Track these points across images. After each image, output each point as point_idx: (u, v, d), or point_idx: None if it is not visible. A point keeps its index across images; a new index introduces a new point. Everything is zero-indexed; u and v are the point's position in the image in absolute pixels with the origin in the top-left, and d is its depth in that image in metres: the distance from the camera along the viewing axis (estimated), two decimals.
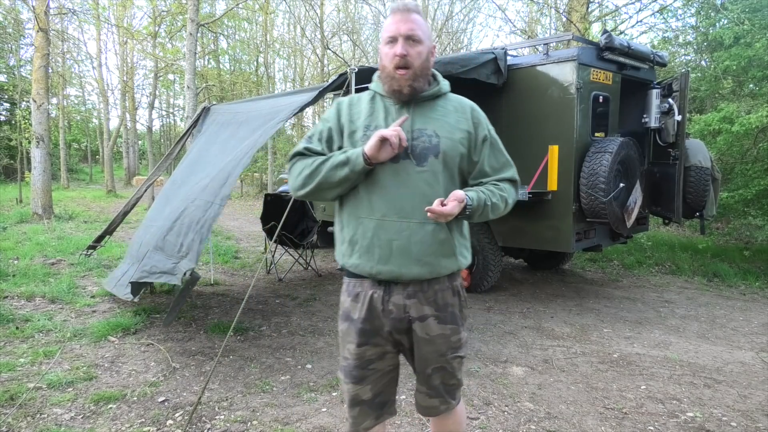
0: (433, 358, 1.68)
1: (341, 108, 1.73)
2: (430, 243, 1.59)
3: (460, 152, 1.64)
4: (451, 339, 1.68)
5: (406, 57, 1.55)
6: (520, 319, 4.67)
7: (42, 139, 10.02)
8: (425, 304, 1.64)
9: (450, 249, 1.63)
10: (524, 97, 4.99)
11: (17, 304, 4.64)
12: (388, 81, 1.60)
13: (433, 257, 1.60)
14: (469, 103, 1.73)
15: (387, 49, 1.59)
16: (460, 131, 1.65)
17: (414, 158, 1.59)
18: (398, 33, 1.56)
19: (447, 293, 1.68)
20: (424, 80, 1.62)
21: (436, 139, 1.61)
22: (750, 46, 6.62)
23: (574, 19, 9.17)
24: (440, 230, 1.60)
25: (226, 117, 5.27)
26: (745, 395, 3.14)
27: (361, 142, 1.61)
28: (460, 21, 18.09)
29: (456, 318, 1.70)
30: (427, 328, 1.65)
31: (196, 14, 9.99)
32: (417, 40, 1.57)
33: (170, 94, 30.89)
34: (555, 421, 2.80)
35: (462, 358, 1.75)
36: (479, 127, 1.69)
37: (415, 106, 1.64)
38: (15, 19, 16.52)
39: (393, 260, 1.59)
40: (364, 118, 1.66)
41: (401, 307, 1.63)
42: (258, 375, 3.34)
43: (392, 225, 1.58)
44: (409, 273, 1.59)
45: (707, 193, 5.40)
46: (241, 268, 6.62)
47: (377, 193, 1.60)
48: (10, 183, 18.93)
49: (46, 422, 2.67)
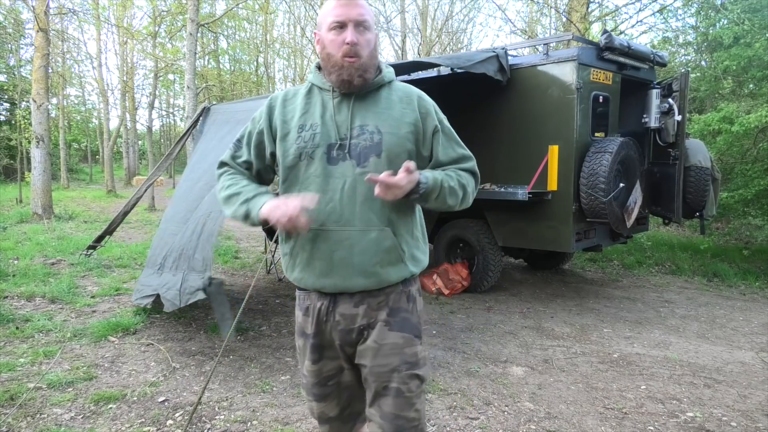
0: (384, 372, 1.46)
1: (274, 106, 1.57)
2: (374, 252, 1.44)
3: (406, 149, 1.48)
4: (405, 350, 1.48)
5: (356, 45, 1.42)
6: (520, 319, 4.67)
7: (42, 139, 10.01)
8: (375, 309, 1.49)
9: (397, 256, 1.47)
10: (524, 97, 4.99)
11: (17, 304, 4.64)
12: (336, 71, 1.44)
13: (378, 267, 1.45)
14: (415, 91, 1.56)
15: (333, 35, 1.43)
16: (406, 125, 1.49)
17: (353, 158, 1.44)
18: (347, 18, 1.42)
19: (399, 297, 1.51)
20: (373, 69, 1.48)
21: (378, 136, 1.46)
22: (750, 46, 6.62)
23: (574, 19, 9.17)
24: (385, 237, 1.45)
25: (226, 116, 5.28)
26: (745, 395, 3.14)
27: (295, 145, 1.48)
28: (460, 21, 18.11)
29: (410, 326, 1.51)
30: (377, 335, 1.48)
31: (196, 14, 9.99)
32: (367, 27, 1.44)
33: (170, 94, 30.92)
34: (555, 421, 2.80)
35: (420, 380, 1.49)
36: (427, 117, 1.52)
37: (356, 100, 1.49)
38: (15, 19, 16.52)
39: (335, 273, 1.45)
40: (298, 116, 1.51)
41: (349, 318, 1.49)
42: (258, 375, 3.34)
43: (332, 234, 1.44)
44: (353, 286, 1.46)
45: (707, 193, 5.41)
46: (241, 268, 6.62)
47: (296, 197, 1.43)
48: (10, 183, 18.93)
49: (46, 422, 2.67)
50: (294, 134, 1.49)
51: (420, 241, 1.58)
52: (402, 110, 1.50)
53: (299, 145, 1.48)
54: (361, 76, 1.44)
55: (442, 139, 1.54)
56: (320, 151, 1.46)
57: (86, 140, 30.87)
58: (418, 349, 1.51)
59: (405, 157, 1.46)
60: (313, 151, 1.46)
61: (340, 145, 1.46)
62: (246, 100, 6.01)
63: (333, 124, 1.47)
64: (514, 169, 5.04)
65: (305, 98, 1.54)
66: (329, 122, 1.48)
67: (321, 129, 1.47)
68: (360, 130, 1.46)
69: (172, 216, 4.44)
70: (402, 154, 1.47)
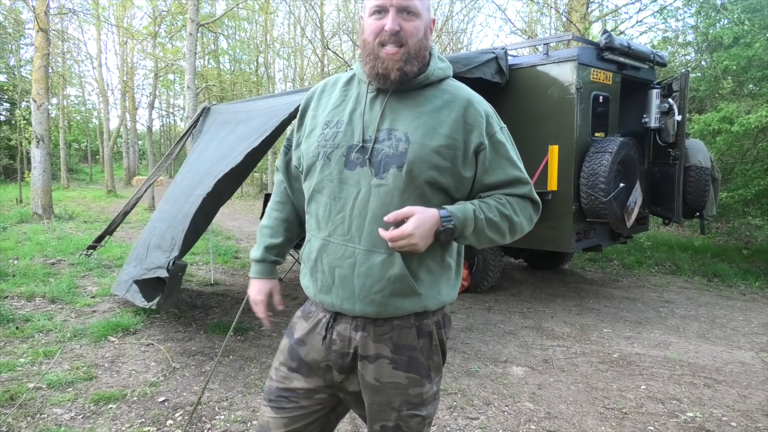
0: (382, 412, 1.30)
1: (310, 101, 1.42)
2: (377, 278, 1.23)
3: (434, 164, 1.22)
4: (409, 391, 1.29)
5: (399, 33, 1.21)
6: (520, 319, 4.67)
7: (42, 139, 10.01)
8: (377, 341, 1.28)
9: (407, 287, 1.24)
10: (524, 97, 4.99)
11: (17, 304, 4.64)
12: (371, 61, 1.24)
13: (380, 296, 1.24)
14: (467, 96, 1.30)
15: (372, 20, 1.24)
16: (440, 137, 1.23)
17: (373, 166, 1.24)
18: (389, 2, 1.21)
19: (408, 333, 1.28)
20: (418, 63, 1.26)
21: (404, 145, 1.22)
22: (750, 46, 6.62)
23: (574, 19, 9.17)
24: (392, 263, 1.22)
25: (227, 116, 5.28)
26: (745, 395, 3.14)
27: (316, 143, 1.32)
28: (460, 21, 18.09)
29: (419, 366, 1.29)
30: (376, 372, 1.28)
31: (196, 14, 9.99)
32: (413, 12, 1.22)
33: (170, 94, 30.92)
34: (555, 421, 2.80)
35: (424, 419, 1.32)
36: (473, 131, 1.25)
37: (393, 97, 1.28)
38: (15, 19, 16.52)
39: (335, 291, 1.28)
40: (329, 110, 1.35)
41: (346, 340, 1.30)
42: (258, 375, 3.34)
43: (336, 248, 1.27)
44: (351, 309, 1.27)
45: (707, 193, 5.41)
46: (241, 268, 6.62)
47: (324, 207, 1.30)
48: (10, 183, 18.93)
49: (46, 422, 2.67)
50: (319, 131, 1.34)
51: (450, 270, 1.34)
52: (441, 118, 1.25)
53: (320, 143, 1.31)
54: (400, 69, 1.22)
55: (488, 158, 1.27)
56: (339, 152, 1.28)
57: (86, 140, 30.88)
58: (425, 389, 1.31)
59: (430, 176, 1.23)
60: (331, 152, 1.29)
61: (362, 148, 1.26)
62: (246, 100, 6.00)
63: (360, 123, 1.28)
64: None
65: (343, 89, 1.37)
66: (356, 120, 1.29)
67: (345, 128, 1.30)
68: (387, 134, 1.25)
69: (162, 214, 4.46)
70: (428, 170, 1.22)
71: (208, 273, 6.02)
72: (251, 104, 5.30)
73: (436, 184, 1.24)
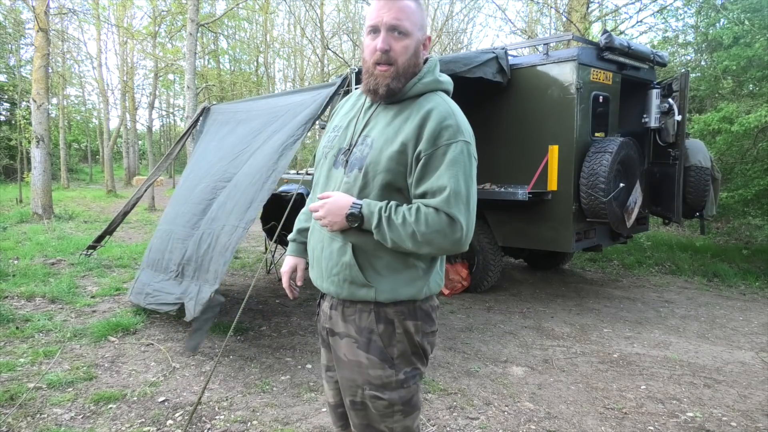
0: (349, 387, 1.45)
1: (341, 105, 1.64)
2: (335, 262, 1.42)
3: (387, 168, 1.35)
4: (369, 372, 1.40)
5: (389, 52, 1.33)
6: (520, 319, 4.67)
7: (42, 139, 10.01)
8: (344, 321, 1.45)
9: (356, 276, 1.38)
10: (524, 97, 4.99)
11: (17, 304, 4.64)
12: (366, 78, 1.40)
13: (337, 278, 1.42)
14: (429, 106, 1.36)
15: (368, 40, 1.37)
16: (396, 143, 1.35)
17: (347, 167, 1.43)
18: (380, 22, 1.33)
19: (368, 316, 1.40)
20: (405, 80, 1.37)
21: (367, 150, 1.38)
22: (750, 46, 6.62)
23: (574, 19, 9.17)
24: (344, 251, 1.39)
25: (227, 116, 5.28)
26: (745, 395, 3.14)
27: (322, 145, 1.57)
28: (460, 21, 18.10)
29: (377, 350, 1.39)
30: (344, 349, 1.44)
31: (196, 14, 9.99)
32: (403, 32, 1.34)
33: (170, 94, 30.90)
34: (555, 421, 2.80)
35: (390, 406, 1.40)
36: (422, 140, 1.32)
37: (380, 108, 1.44)
38: (15, 19, 16.51)
39: (315, 268, 1.52)
40: (341, 116, 1.57)
41: (326, 315, 1.51)
42: (258, 375, 3.34)
43: (317, 233, 1.50)
44: (321, 286, 1.50)
45: (707, 193, 5.41)
46: (241, 268, 6.62)
47: (314, 195, 1.56)
48: (10, 183, 18.92)
49: (46, 422, 2.67)
50: (328, 134, 1.57)
51: (415, 269, 1.40)
52: (403, 127, 1.36)
53: (325, 144, 1.55)
54: (387, 85, 1.36)
55: (424, 166, 1.32)
56: (332, 153, 1.50)
57: (86, 140, 30.87)
58: (385, 374, 1.39)
59: (384, 179, 1.36)
60: (328, 152, 1.52)
61: (346, 151, 1.45)
62: (246, 100, 6.00)
63: (352, 130, 1.47)
64: (514, 169, 5.04)
65: (356, 99, 1.57)
66: (350, 127, 1.49)
67: (342, 132, 1.50)
68: (362, 140, 1.42)
69: (174, 218, 4.40)
70: (381, 174, 1.35)
71: None
72: (251, 104, 5.30)
73: (389, 186, 1.37)
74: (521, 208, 4.91)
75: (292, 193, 4.24)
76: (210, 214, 4.04)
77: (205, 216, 4.04)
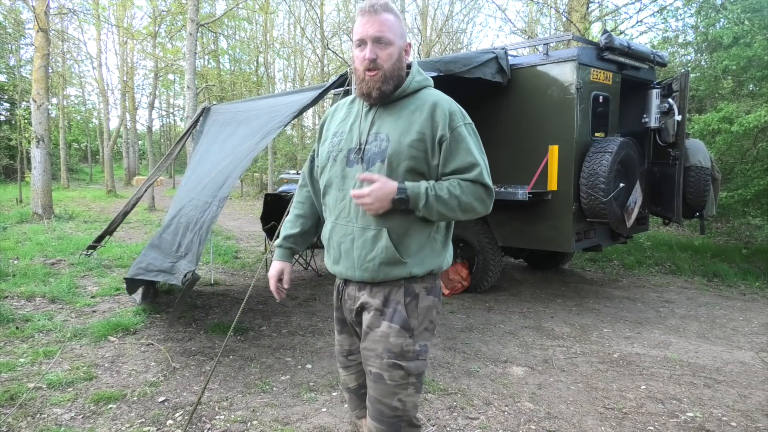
0: (369, 356, 1.59)
1: (326, 119, 1.78)
2: (369, 249, 1.55)
3: (410, 155, 1.54)
4: (390, 340, 1.55)
5: (376, 60, 1.53)
6: (520, 319, 4.67)
7: (42, 139, 10.01)
8: (371, 297, 1.60)
9: (392, 256, 1.54)
10: (524, 98, 4.99)
11: (17, 304, 4.64)
12: (359, 84, 1.59)
13: (372, 263, 1.56)
14: (433, 99, 1.59)
15: (357, 52, 1.57)
16: (413, 133, 1.54)
17: (364, 162, 1.57)
18: (366, 36, 1.53)
19: (398, 290, 1.58)
20: (395, 82, 1.57)
21: (385, 143, 1.55)
22: (749, 46, 6.62)
23: (574, 19, 9.17)
24: (380, 236, 1.54)
25: (227, 117, 5.28)
26: (745, 395, 3.14)
27: (327, 149, 1.67)
28: (460, 21, 18.09)
29: (401, 318, 1.56)
30: (369, 320, 1.60)
31: (196, 14, 9.99)
32: (386, 42, 1.54)
33: (170, 94, 30.92)
34: (555, 421, 2.80)
35: (405, 371, 1.55)
36: (438, 126, 1.54)
37: (381, 109, 1.61)
38: (15, 19, 16.51)
39: (342, 262, 1.63)
40: (337, 123, 1.70)
41: (352, 298, 1.65)
42: (258, 375, 3.34)
43: (341, 228, 1.62)
44: (353, 276, 1.61)
45: (707, 193, 5.41)
46: (241, 268, 6.62)
47: (332, 197, 1.66)
48: (10, 183, 18.92)
49: (46, 422, 2.67)
50: (329, 140, 1.69)
51: (435, 243, 1.62)
52: (414, 119, 1.56)
53: (329, 149, 1.67)
54: (379, 88, 1.54)
55: (450, 148, 1.54)
56: (342, 155, 1.63)
57: (86, 140, 30.87)
58: (406, 342, 1.55)
59: (409, 164, 1.54)
60: (337, 155, 1.64)
61: (358, 150, 1.59)
62: (246, 100, 6.00)
63: (357, 131, 1.62)
64: (514, 169, 5.04)
65: (348, 107, 1.73)
66: (355, 129, 1.63)
67: (347, 135, 1.64)
68: (374, 137, 1.58)
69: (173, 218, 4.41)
70: (405, 161, 1.54)
71: (208, 273, 6.02)
72: (251, 104, 5.30)
73: (413, 170, 1.55)
74: (521, 208, 4.91)
75: (292, 193, 4.24)
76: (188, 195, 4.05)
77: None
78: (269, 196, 6.48)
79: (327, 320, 4.51)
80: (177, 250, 3.60)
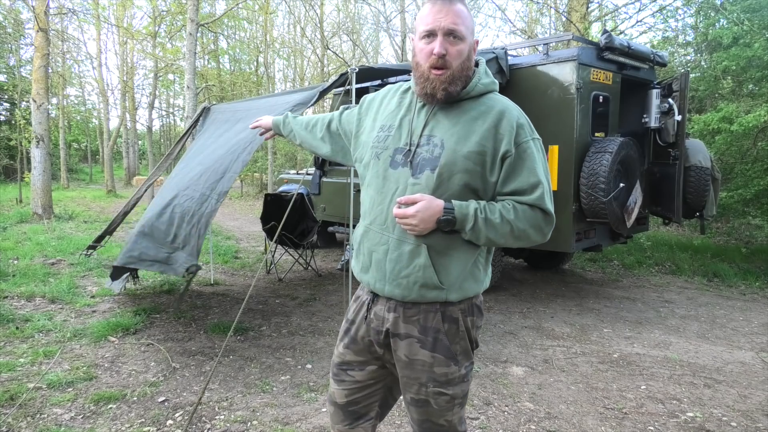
0: (412, 385, 1.46)
1: (373, 102, 1.63)
2: (405, 265, 1.39)
3: (465, 168, 1.35)
4: (434, 369, 1.42)
5: (445, 56, 1.34)
6: (520, 319, 4.67)
7: (42, 139, 10.01)
8: (406, 322, 1.44)
9: (430, 278, 1.38)
10: (524, 97, 4.98)
11: (17, 304, 4.64)
12: (421, 82, 1.39)
13: (406, 280, 1.40)
14: (499, 107, 1.41)
15: (423, 44, 1.37)
16: (471, 143, 1.36)
17: (412, 167, 1.40)
18: (438, 27, 1.34)
19: (434, 317, 1.42)
20: (462, 83, 1.39)
21: (439, 150, 1.37)
22: (749, 46, 6.62)
23: (574, 19, 9.17)
24: (419, 253, 1.37)
25: (226, 116, 5.27)
26: (745, 395, 3.14)
27: (371, 145, 1.50)
28: None
29: (444, 348, 1.42)
30: (406, 350, 1.44)
31: (196, 14, 9.99)
32: (459, 37, 1.35)
33: (170, 94, 30.89)
34: (555, 421, 2.80)
35: (452, 400, 1.45)
36: (503, 139, 1.36)
37: (438, 107, 1.43)
38: (15, 19, 16.51)
39: (371, 272, 1.47)
40: (387, 115, 1.53)
41: (380, 319, 1.47)
42: (258, 375, 3.34)
43: (374, 235, 1.46)
44: (382, 290, 1.45)
45: (707, 193, 5.40)
46: (241, 268, 6.62)
47: (369, 198, 1.50)
48: (10, 183, 18.92)
49: (46, 422, 2.67)
50: (375, 134, 1.52)
51: (477, 268, 1.46)
52: (474, 127, 1.38)
53: (374, 144, 1.50)
54: (445, 89, 1.37)
55: (513, 165, 1.37)
56: (386, 153, 1.46)
57: (86, 140, 30.88)
58: (450, 370, 1.43)
59: (462, 179, 1.36)
60: (381, 153, 1.47)
61: (407, 151, 1.42)
62: (246, 100, 6.00)
63: (407, 129, 1.45)
64: None
65: (400, 96, 1.54)
66: (405, 126, 1.46)
67: (395, 132, 1.47)
68: (426, 140, 1.40)
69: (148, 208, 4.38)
70: (459, 174, 1.36)
71: (208, 273, 6.02)
72: (251, 103, 5.29)
73: (466, 186, 1.37)
74: None
75: (292, 193, 4.24)
76: (181, 184, 4.00)
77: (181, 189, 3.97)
78: (269, 196, 6.48)
79: (327, 320, 4.51)
80: (173, 240, 3.55)
